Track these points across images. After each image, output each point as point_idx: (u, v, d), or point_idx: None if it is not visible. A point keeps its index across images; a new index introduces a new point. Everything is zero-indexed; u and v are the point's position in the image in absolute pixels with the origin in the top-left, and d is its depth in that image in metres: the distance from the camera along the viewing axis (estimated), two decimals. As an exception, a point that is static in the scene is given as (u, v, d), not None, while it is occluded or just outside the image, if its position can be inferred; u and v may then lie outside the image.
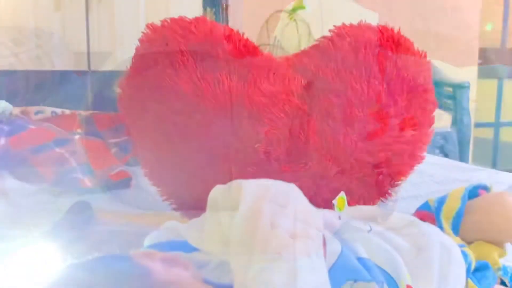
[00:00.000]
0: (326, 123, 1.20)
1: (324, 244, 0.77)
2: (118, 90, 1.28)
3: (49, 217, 1.43)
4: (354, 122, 1.19)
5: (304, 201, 0.77)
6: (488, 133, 3.92)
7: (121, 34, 3.06)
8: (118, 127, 2.23)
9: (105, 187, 1.77)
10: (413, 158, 1.26)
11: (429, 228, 0.92)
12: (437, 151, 3.05)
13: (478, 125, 3.82)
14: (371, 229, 0.89)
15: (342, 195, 1.07)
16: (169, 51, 1.20)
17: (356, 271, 0.78)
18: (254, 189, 0.77)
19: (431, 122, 1.29)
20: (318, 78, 1.24)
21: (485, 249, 0.96)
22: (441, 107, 3.25)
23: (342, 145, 1.19)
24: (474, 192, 1.04)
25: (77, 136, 2.06)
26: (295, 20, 3.19)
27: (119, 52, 3.11)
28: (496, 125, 4.01)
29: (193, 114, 1.18)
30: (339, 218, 0.91)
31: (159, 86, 1.19)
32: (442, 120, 3.13)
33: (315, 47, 1.32)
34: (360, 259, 0.81)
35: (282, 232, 0.70)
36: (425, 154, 1.29)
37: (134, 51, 1.25)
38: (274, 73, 1.24)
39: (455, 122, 3.16)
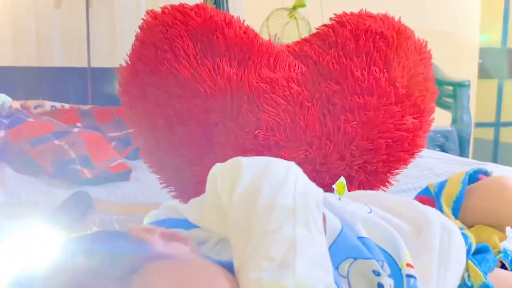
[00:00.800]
0: (327, 109, 1.19)
1: (324, 221, 0.76)
2: (118, 76, 1.28)
3: (47, 207, 1.42)
4: (354, 108, 1.19)
5: (304, 177, 0.76)
6: (488, 133, 3.92)
7: (121, 31, 3.07)
8: (118, 121, 2.23)
9: (104, 178, 1.77)
10: (414, 146, 1.26)
11: (429, 210, 0.91)
12: (438, 149, 3.05)
13: (478, 125, 3.82)
14: (371, 211, 0.88)
15: (341, 180, 1.06)
16: (169, 36, 1.19)
17: (356, 248, 0.78)
18: (253, 166, 0.76)
19: (431, 110, 1.29)
20: (318, 65, 1.23)
21: (486, 233, 0.96)
22: (441, 105, 3.25)
23: (342, 132, 1.18)
24: (474, 177, 1.03)
25: (76, 129, 2.06)
26: (295, 18, 3.19)
27: (119, 49, 3.11)
28: (496, 125, 4.01)
29: (192, 100, 1.17)
30: (339, 199, 0.90)
31: (158, 72, 1.19)
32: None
33: (315, 35, 1.32)
34: (360, 238, 0.81)
35: (282, 206, 0.70)
36: (425, 142, 1.28)
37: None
38: (274, 60, 1.24)
39: (455, 120, 3.16)
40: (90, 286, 0.59)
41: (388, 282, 0.76)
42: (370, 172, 1.22)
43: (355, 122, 1.18)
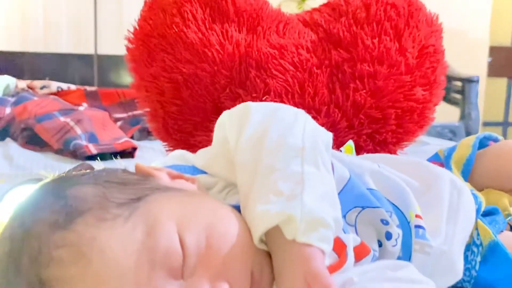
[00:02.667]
0: (336, 77, 1.18)
1: (332, 170, 0.75)
2: (126, 43, 1.27)
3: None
4: (363, 77, 1.17)
5: (313, 121, 0.75)
6: (496, 132, 3.87)
7: (129, 18, 3.03)
8: (124, 103, 2.22)
9: (109, 155, 1.76)
10: (423, 118, 1.24)
11: (439, 168, 0.90)
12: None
13: (486, 124, 3.79)
14: (379, 167, 0.87)
15: (350, 143, 1.04)
16: (177, 0, 1.18)
17: (364, 197, 0.76)
18: (262, 110, 0.75)
19: (442, 83, 1.27)
20: (328, 32, 1.22)
21: (495, 196, 0.94)
22: (449, 101, 3.23)
23: (351, 100, 1.17)
24: (484, 143, 1.02)
25: (82, 107, 2.05)
26: (304, 10, 3.18)
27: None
28: (505, 124, 3.97)
29: (200, 64, 1.16)
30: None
31: (166, 36, 1.18)
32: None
33: (326, 5, 1.31)
34: (368, 190, 0.79)
35: (290, 146, 0.68)
36: (434, 115, 1.27)
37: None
38: (284, 27, 1.23)
39: (463, 116, 3.13)
40: (92, 207, 0.58)
41: (396, 231, 0.75)
42: (379, 143, 1.20)
43: (364, 91, 1.16)
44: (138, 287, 0.55)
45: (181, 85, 1.18)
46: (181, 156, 0.82)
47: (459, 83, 3.21)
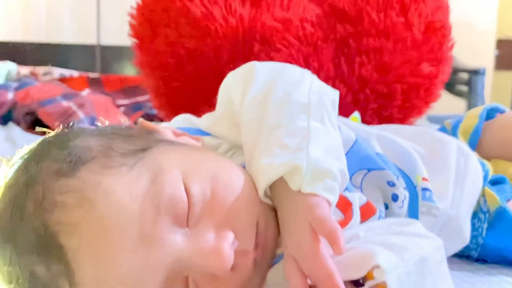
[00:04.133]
0: (341, 51, 1.16)
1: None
2: (129, 19, 1.26)
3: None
4: (369, 51, 1.16)
5: (320, 81, 0.73)
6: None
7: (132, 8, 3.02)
8: (126, 89, 2.21)
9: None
10: (429, 94, 1.22)
11: (445, 135, 0.88)
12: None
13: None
14: (386, 133, 0.85)
15: (355, 114, 1.03)
16: (181, -26, 1.17)
17: (370, 159, 0.75)
18: (268, 69, 0.74)
19: (448, 60, 1.26)
20: (333, 7, 1.20)
21: (503, 166, 0.92)
22: (456, 93, 3.21)
23: (357, 74, 1.15)
24: (491, 115, 1.00)
25: (85, 92, 2.04)
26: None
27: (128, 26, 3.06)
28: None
29: (203, 39, 1.15)
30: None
31: (169, 10, 1.17)
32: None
33: (331, -20, 1.29)
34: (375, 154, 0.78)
35: (296, 102, 0.67)
36: (441, 92, 1.25)
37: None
38: (288, 1, 1.21)
39: (469, 108, 3.11)
40: (96, 155, 0.56)
41: (403, 193, 0.73)
42: (385, 118, 1.19)
43: (370, 65, 1.15)
44: (143, 232, 0.53)
45: (184, 60, 1.16)
46: (185, 119, 0.81)
47: (465, 75, 3.19)
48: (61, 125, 0.65)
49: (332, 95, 0.71)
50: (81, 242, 0.52)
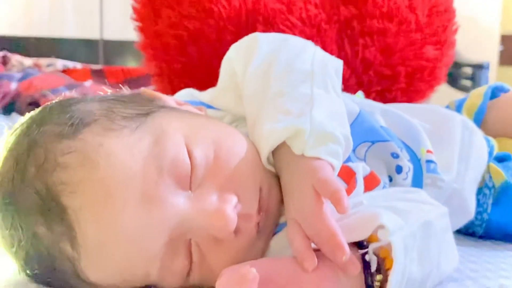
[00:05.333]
0: (345, 33, 1.16)
1: (342, 104, 0.73)
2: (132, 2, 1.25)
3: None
4: (373, 33, 1.15)
5: (323, 51, 0.73)
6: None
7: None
8: (129, 80, 2.20)
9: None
10: (433, 77, 1.21)
11: (449, 111, 0.88)
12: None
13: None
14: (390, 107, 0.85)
15: (359, 93, 1.02)
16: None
17: (374, 131, 0.74)
18: (271, 40, 0.73)
19: (452, 44, 1.25)
20: (337, -11, 1.20)
21: (507, 143, 0.92)
22: (459, 88, 3.19)
23: (361, 57, 1.15)
24: (496, 94, 0.99)
25: (88, 83, 2.04)
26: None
27: (132, 21, 3.05)
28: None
29: (206, 20, 1.14)
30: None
31: (172, -8, 1.16)
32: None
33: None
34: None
35: (299, 70, 0.66)
36: (445, 76, 1.24)
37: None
38: (292, -17, 1.20)
39: (472, 102, 3.10)
40: (98, 118, 0.56)
41: (407, 164, 0.73)
42: (388, 101, 1.17)
43: (373, 48, 1.14)
44: (145, 192, 0.52)
45: (187, 42, 1.16)
46: (188, 93, 0.80)
47: (469, 70, 3.18)
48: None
49: (335, 64, 0.71)
50: (83, 202, 0.51)
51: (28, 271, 0.57)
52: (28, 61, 2.29)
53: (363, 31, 1.15)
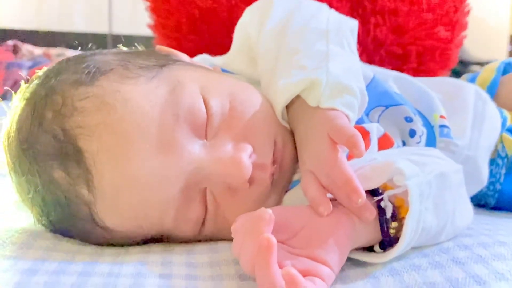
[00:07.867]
0: (356, 12, 1.15)
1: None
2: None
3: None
4: (384, 13, 1.15)
5: (337, 13, 0.73)
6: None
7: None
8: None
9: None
10: (444, 58, 1.21)
11: (462, 81, 0.87)
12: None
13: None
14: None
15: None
16: None
17: (387, 95, 0.74)
18: (284, 2, 0.73)
19: (464, 25, 1.25)
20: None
21: (520, 118, 0.92)
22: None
23: (372, 36, 1.14)
24: (508, 70, 0.99)
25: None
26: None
27: (141, 15, 3.03)
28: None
29: (218, -2, 1.14)
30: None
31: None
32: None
33: None
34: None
35: (314, 29, 0.66)
36: (456, 57, 1.24)
37: None
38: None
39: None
40: (114, 68, 0.56)
41: (420, 128, 0.73)
42: (399, 81, 1.18)
43: (385, 27, 1.14)
44: (162, 138, 0.53)
45: (198, 20, 1.16)
46: (202, 58, 0.81)
47: (478, 68, 3.17)
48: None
49: (351, 23, 0.71)
50: (100, 146, 0.52)
51: (43, 219, 0.57)
52: (38, 51, 2.30)
53: (374, 10, 1.15)
